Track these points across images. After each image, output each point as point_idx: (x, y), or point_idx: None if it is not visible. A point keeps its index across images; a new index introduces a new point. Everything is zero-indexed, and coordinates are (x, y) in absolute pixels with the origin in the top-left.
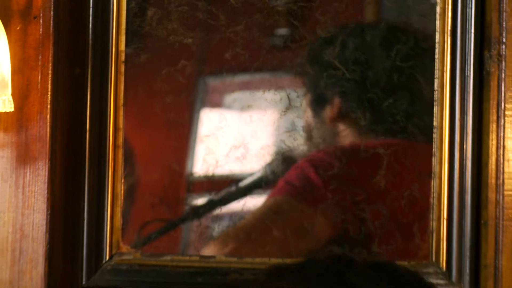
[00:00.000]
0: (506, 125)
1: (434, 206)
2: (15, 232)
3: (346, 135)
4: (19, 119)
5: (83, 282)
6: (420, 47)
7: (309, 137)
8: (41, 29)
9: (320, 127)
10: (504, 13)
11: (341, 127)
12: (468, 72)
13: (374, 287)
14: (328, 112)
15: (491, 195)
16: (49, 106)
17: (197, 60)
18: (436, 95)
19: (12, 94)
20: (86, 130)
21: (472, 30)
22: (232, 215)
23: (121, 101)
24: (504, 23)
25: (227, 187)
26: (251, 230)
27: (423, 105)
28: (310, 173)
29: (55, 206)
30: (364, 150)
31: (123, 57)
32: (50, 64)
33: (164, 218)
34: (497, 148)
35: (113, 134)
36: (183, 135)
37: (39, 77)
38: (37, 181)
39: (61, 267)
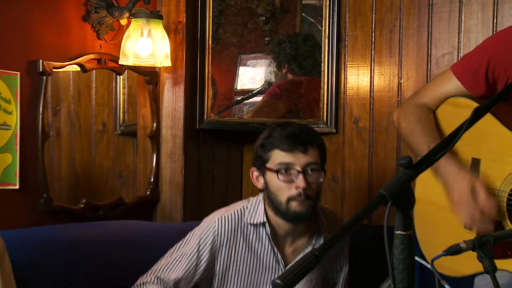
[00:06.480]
0: (347, 70)
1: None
2: (172, 109)
3: (291, 74)
4: (172, 68)
5: (197, 127)
6: (317, 42)
7: (277, 75)
8: (181, 36)
9: (280, 72)
10: (346, 28)
11: (289, 71)
12: (334, 51)
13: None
14: (283, 66)
15: (340, 96)
16: (184, 63)
17: (237, 47)
18: (322, 60)
19: (171, 59)
20: (197, 72)
21: (335, 35)
22: (250, 104)
23: (210, 62)
24: (346, 32)
25: (248, 93)
26: (258, 108)
27: (317, 63)
28: (276, 89)
29: (187, 100)
30: (297, 80)
31: (211, 47)
32: (184, 49)
33: (225, 104)
34: (344, 78)
35: (207, 74)
36: (232, 74)
37: (180, 53)
38: (181, 90)
39: (189, 121)
